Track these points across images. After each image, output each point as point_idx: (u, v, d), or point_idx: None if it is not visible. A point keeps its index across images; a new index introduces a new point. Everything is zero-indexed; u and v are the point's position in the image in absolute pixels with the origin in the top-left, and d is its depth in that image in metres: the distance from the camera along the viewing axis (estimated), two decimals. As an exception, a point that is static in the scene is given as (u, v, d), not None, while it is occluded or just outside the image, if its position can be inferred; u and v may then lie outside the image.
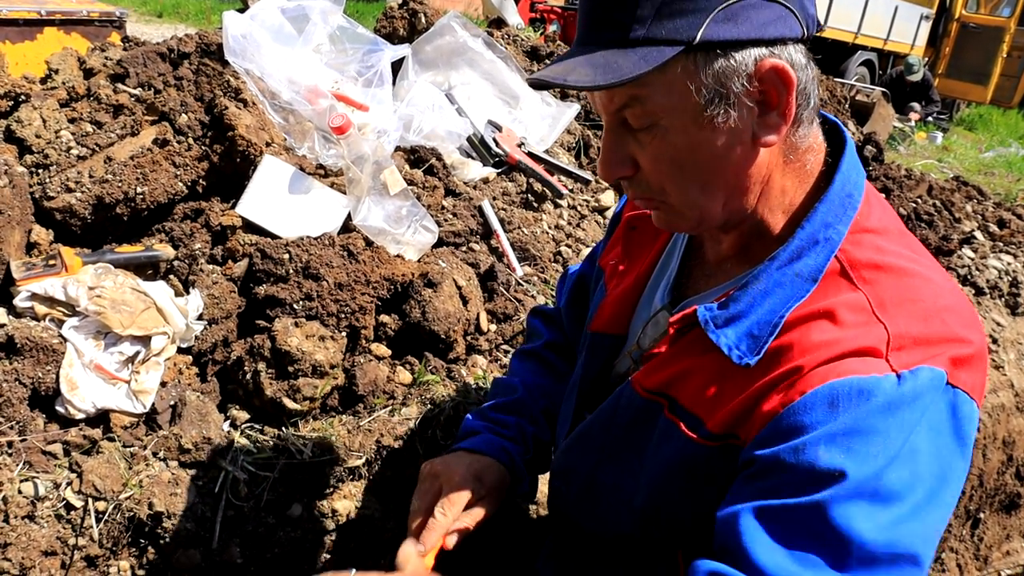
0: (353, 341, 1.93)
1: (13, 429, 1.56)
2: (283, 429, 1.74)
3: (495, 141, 2.79)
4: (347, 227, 2.14)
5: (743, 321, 0.97)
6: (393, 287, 2.00)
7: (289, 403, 1.74)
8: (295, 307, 1.86)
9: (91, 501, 1.47)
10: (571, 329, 1.49)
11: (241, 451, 1.65)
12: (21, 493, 1.46)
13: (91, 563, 1.47)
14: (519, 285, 2.33)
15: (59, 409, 1.64)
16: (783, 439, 0.90)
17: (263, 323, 1.85)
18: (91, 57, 2.55)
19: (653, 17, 0.87)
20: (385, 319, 1.99)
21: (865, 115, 8.51)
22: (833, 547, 0.85)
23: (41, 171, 2.02)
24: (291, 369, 1.75)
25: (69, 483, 1.49)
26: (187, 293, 1.91)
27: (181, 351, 1.86)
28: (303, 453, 1.66)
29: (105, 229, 2.06)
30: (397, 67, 2.84)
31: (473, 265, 2.28)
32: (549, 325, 1.54)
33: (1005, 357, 2.77)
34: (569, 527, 1.30)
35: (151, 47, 2.51)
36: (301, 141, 2.34)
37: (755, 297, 0.98)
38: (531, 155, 2.85)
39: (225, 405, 1.82)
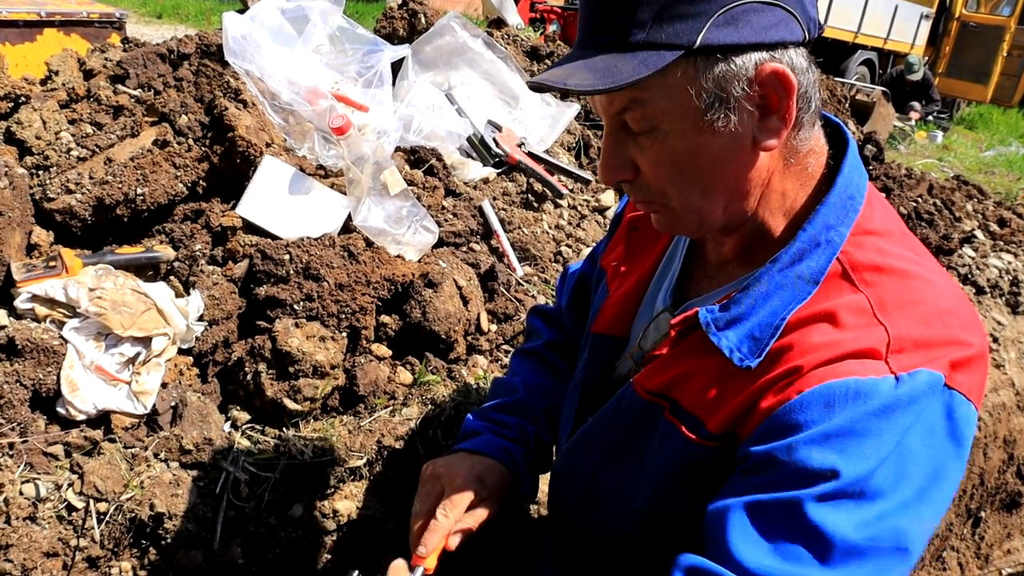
0: (354, 341, 1.93)
1: (14, 430, 1.56)
2: (284, 430, 1.75)
3: (495, 141, 2.79)
4: (347, 228, 2.14)
5: (744, 323, 0.97)
6: (393, 287, 2.00)
7: (290, 404, 1.74)
8: (296, 308, 1.86)
9: (92, 502, 1.47)
10: (572, 329, 1.49)
11: (242, 452, 1.65)
12: (22, 494, 1.46)
13: (93, 564, 1.47)
14: (519, 285, 2.33)
15: (60, 410, 1.64)
16: (777, 436, 0.90)
17: (264, 324, 1.85)
18: (91, 58, 2.56)
19: (653, 21, 0.86)
20: (386, 319, 1.99)
21: (865, 114, 8.51)
22: (817, 542, 0.86)
23: (41, 172, 2.02)
24: (292, 370, 1.75)
25: (70, 484, 1.49)
26: (187, 294, 1.91)
27: (182, 352, 1.86)
28: (304, 454, 1.66)
29: (105, 230, 2.06)
30: (397, 67, 2.84)
31: (473, 265, 2.28)
32: (549, 324, 1.54)
33: (1006, 356, 2.77)
34: (570, 529, 1.30)
35: (151, 48, 2.52)
36: (301, 142, 2.34)
37: (756, 299, 0.98)
38: (531, 155, 2.85)
39: (226, 406, 1.82)
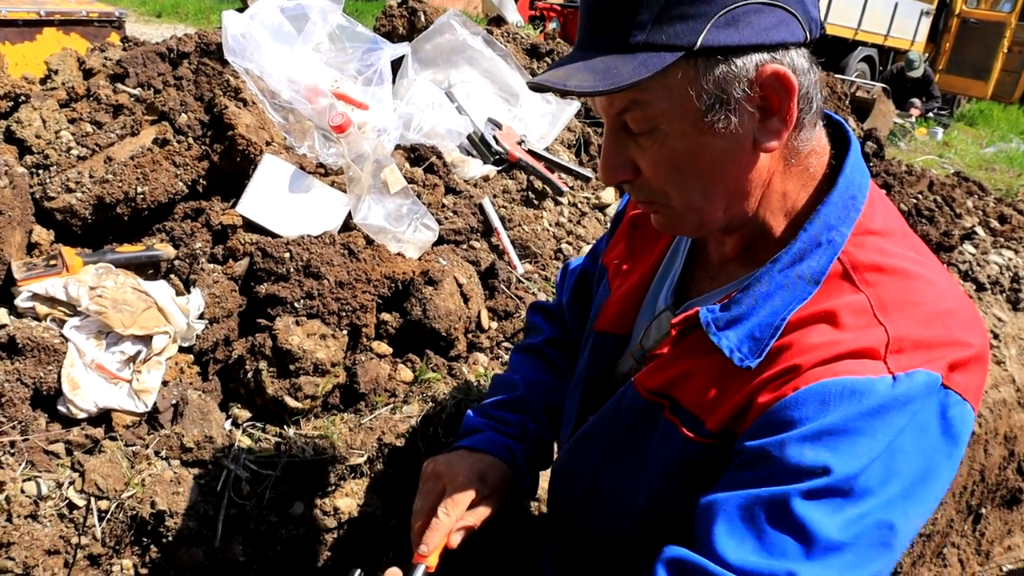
0: (354, 339, 1.94)
1: (15, 429, 1.56)
2: (285, 427, 1.75)
3: (495, 139, 2.79)
4: (348, 225, 2.14)
5: (745, 323, 0.97)
6: (394, 285, 2.00)
7: (290, 401, 1.75)
8: (296, 306, 1.86)
9: (93, 500, 1.48)
10: (573, 325, 1.49)
11: (243, 450, 1.65)
12: (24, 492, 1.46)
13: (94, 562, 1.48)
14: (520, 283, 2.33)
15: (61, 409, 1.64)
16: (771, 432, 0.90)
17: (264, 322, 1.85)
18: (90, 57, 2.56)
19: (653, 22, 0.86)
20: (386, 317, 1.99)
21: (866, 111, 8.51)
22: (802, 537, 0.86)
23: (41, 171, 2.03)
24: (292, 367, 1.75)
25: (71, 482, 1.50)
26: (188, 292, 1.91)
27: (182, 350, 1.86)
28: (305, 451, 1.66)
29: (106, 229, 2.06)
30: (397, 65, 2.84)
31: (474, 263, 2.28)
32: (550, 321, 1.54)
33: (1006, 352, 2.77)
34: (571, 528, 1.30)
35: (150, 47, 2.52)
36: (301, 140, 2.34)
37: (757, 299, 0.98)
38: (531, 153, 2.85)
39: (227, 404, 1.82)
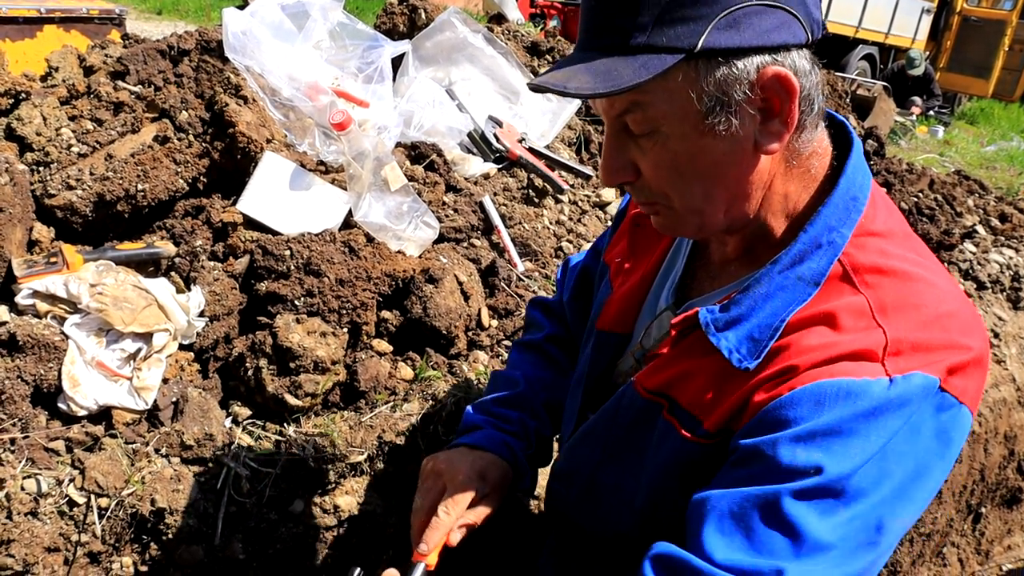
0: (354, 337, 1.94)
1: (15, 426, 1.56)
2: (285, 425, 1.75)
3: (496, 137, 2.79)
4: (348, 223, 2.14)
5: (744, 324, 0.97)
6: (394, 283, 2.00)
7: (291, 399, 1.75)
8: (296, 303, 1.86)
9: (94, 498, 1.48)
10: (574, 322, 1.49)
11: (243, 447, 1.65)
12: (24, 490, 1.46)
13: (94, 559, 1.48)
14: (520, 281, 2.33)
15: (61, 406, 1.64)
16: (766, 431, 0.91)
17: (264, 319, 1.85)
18: (91, 55, 2.56)
19: (654, 24, 0.86)
20: (386, 315, 1.99)
21: (866, 109, 8.51)
22: (791, 535, 0.87)
23: (42, 169, 2.02)
24: (292, 365, 1.75)
25: (72, 480, 1.50)
26: (188, 290, 1.91)
27: (183, 348, 1.86)
28: (305, 449, 1.66)
29: (106, 226, 2.06)
30: (397, 63, 2.84)
31: (474, 261, 2.28)
32: (550, 317, 1.54)
33: (1006, 351, 2.77)
34: (569, 528, 1.30)
35: (151, 44, 2.51)
36: (302, 137, 2.34)
37: (756, 300, 0.98)
38: (532, 151, 2.85)
39: (227, 402, 1.82)
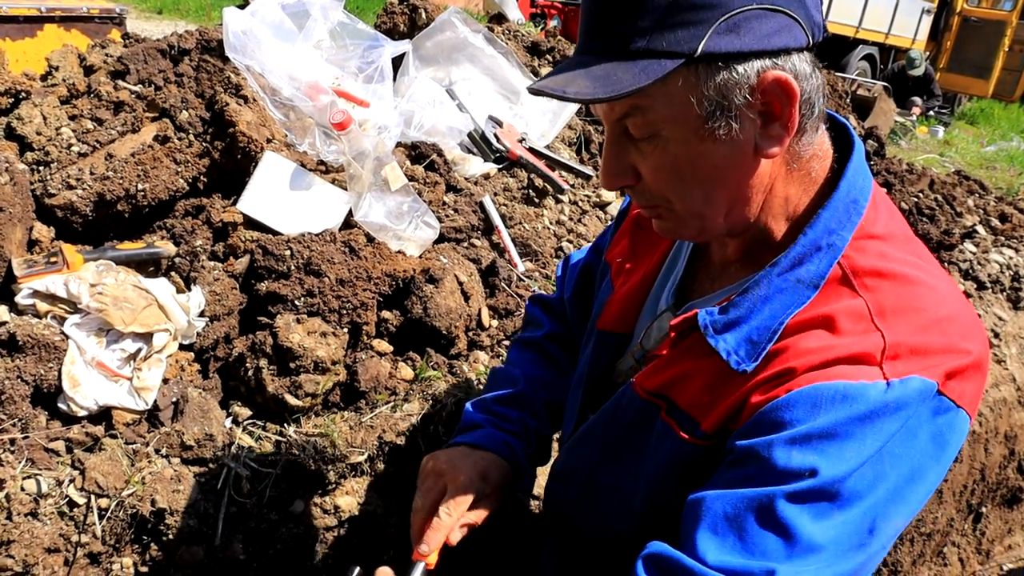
0: (355, 337, 1.93)
1: (15, 426, 1.56)
2: (285, 426, 1.75)
3: (496, 137, 2.79)
4: (348, 223, 2.14)
5: (743, 327, 0.97)
6: (394, 283, 1.99)
7: (291, 399, 1.74)
8: (297, 303, 1.86)
9: (94, 498, 1.47)
10: (575, 320, 1.48)
11: (243, 448, 1.65)
12: (24, 490, 1.46)
13: (94, 560, 1.48)
14: (520, 281, 2.33)
15: (61, 406, 1.64)
16: (762, 432, 0.91)
17: (265, 319, 1.85)
18: (91, 54, 2.55)
19: (654, 28, 0.86)
20: (387, 315, 1.99)
21: (866, 109, 8.52)
22: (784, 537, 0.87)
23: (42, 168, 2.02)
24: (293, 365, 1.75)
25: (72, 480, 1.49)
26: (188, 290, 1.91)
27: (183, 348, 1.86)
28: (305, 449, 1.66)
29: (106, 226, 2.06)
30: (398, 63, 2.84)
31: (474, 261, 2.28)
32: (550, 315, 1.54)
33: (1007, 351, 2.76)
34: (568, 528, 1.30)
35: (151, 44, 2.51)
36: (302, 137, 2.34)
37: (755, 303, 0.98)
38: (532, 150, 2.85)
39: (227, 402, 1.82)
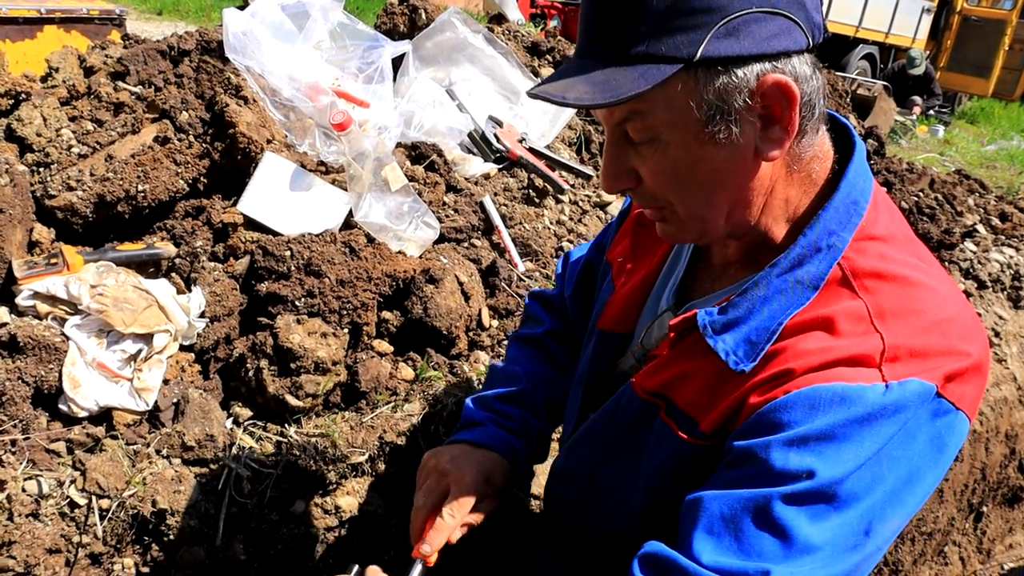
0: (355, 338, 1.93)
1: (16, 427, 1.56)
2: (286, 426, 1.75)
3: (496, 137, 2.79)
4: (348, 224, 2.14)
5: (742, 327, 0.97)
6: (395, 283, 2.00)
7: (291, 400, 1.74)
8: (297, 304, 1.86)
9: (95, 499, 1.48)
10: (575, 317, 1.48)
11: (244, 448, 1.65)
12: (25, 491, 1.46)
13: (95, 560, 1.48)
14: (521, 281, 2.33)
15: (62, 407, 1.64)
16: (760, 433, 0.91)
17: (265, 320, 1.85)
18: (91, 55, 2.55)
19: (653, 33, 0.85)
20: (387, 315, 1.99)
21: (867, 109, 8.52)
22: (780, 538, 0.87)
23: (42, 169, 2.02)
24: (293, 366, 1.75)
25: (73, 481, 1.50)
26: (189, 291, 1.91)
27: (183, 349, 1.86)
28: (306, 450, 1.66)
29: (106, 227, 2.06)
30: (398, 63, 2.84)
31: (475, 261, 2.28)
32: (550, 312, 1.53)
33: (1007, 350, 2.76)
34: (568, 527, 1.30)
35: (151, 45, 2.51)
36: (302, 138, 2.34)
37: (755, 303, 0.98)
38: (532, 151, 2.85)
39: (228, 402, 1.82)
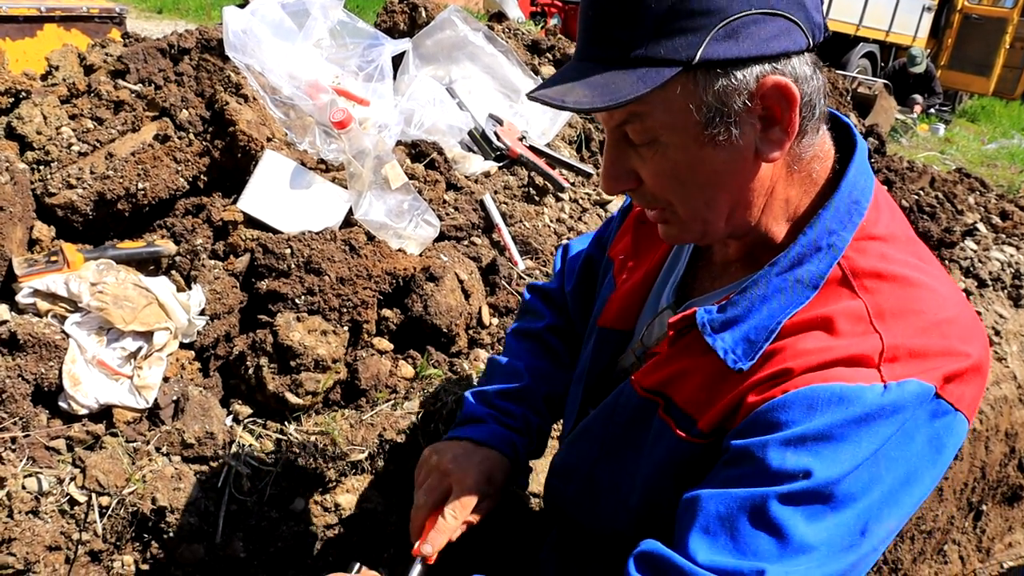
0: (355, 335, 1.94)
1: (16, 425, 1.56)
2: (286, 424, 1.75)
3: (496, 135, 2.79)
4: (348, 222, 2.14)
5: (740, 326, 0.97)
6: (395, 281, 2.00)
7: (291, 398, 1.75)
8: (297, 302, 1.86)
9: (95, 496, 1.48)
10: (576, 312, 1.48)
11: (244, 446, 1.65)
12: (25, 488, 1.46)
13: (95, 558, 1.48)
14: (521, 279, 2.33)
15: (62, 405, 1.64)
16: (757, 433, 0.91)
17: (265, 318, 1.85)
18: (91, 53, 2.55)
19: (652, 35, 0.85)
20: (387, 313, 1.99)
21: (867, 107, 8.52)
22: (776, 537, 0.87)
23: (42, 167, 2.02)
24: (293, 364, 1.75)
25: (72, 478, 1.50)
26: (189, 288, 1.91)
27: (183, 346, 1.86)
28: (306, 448, 1.66)
29: (107, 225, 2.06)
30: (398, 62, 2.84)
31: (475, 259, 2.28)
32: (550, 306, 1.53)
33: (1008, 349, 2.76)
34: (567, 524, 1.30)
35: (151, 43, 2.51)
36: (302, 136, 2.34)
37: (754, 302, 0.98)
38: (532, 149, 2.85)
39: (227, 400, 1.82)
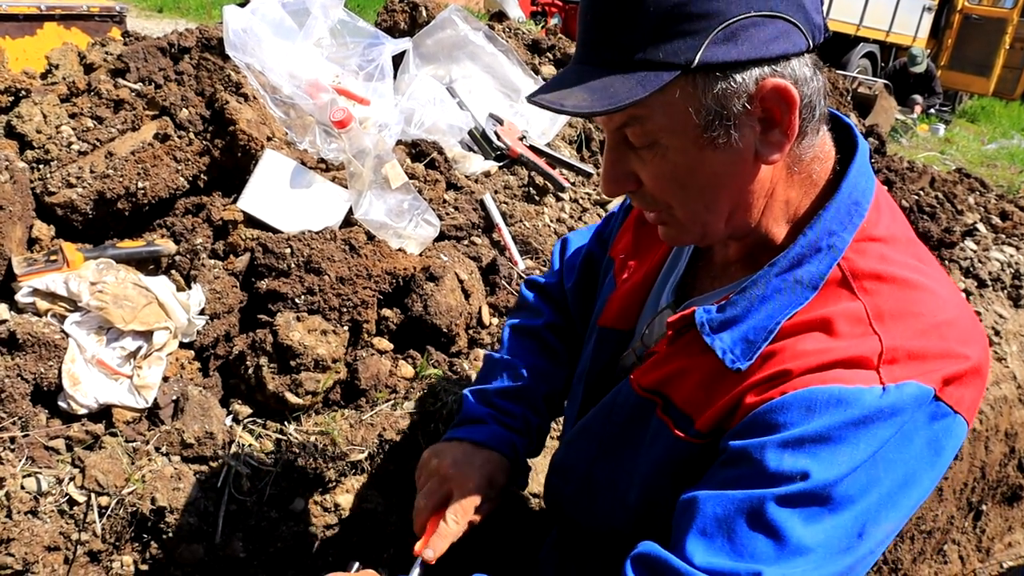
0: (355, 335, 1.93)
1: (15, 424, 1.56)
2: (285, 424, 1.75)
3: (496, 135, 2.79)
4: (348, 221, 2.14)
5: (739, 326, 0.97)
6: (395, 281, 1.99)
7: (291, 397, 1.74)
8: (297, 301, 1.86)
9: (94, 496, 1.48)
10: (576, 309, 1.47)
11: (243, 446, 1.65)
12: (24, 488, 1.46)
13: (94, 558, 1.48)
14: (521, 279, 2.33)
15: (61, 404, 1.64)
16: (755, 434, 0.90)
17: (265, 317, 1.85)
18: (91, 52, 2.55)
19: (651, 39, 0.85)
20: (387, 313, 1.99)
21: (867, 107, 8.52)
22: (774, 539, 0.86)
23: (42, 166, 2.02)
24: (293, 363, 1.75)
25: (72, 478, 1.50)
26: (189, 288, 1.91)
27: (183, 346, 1.86)
28: (305, 447, 1.66)
29: (106, 224, 2.06)
30: (398, 61, 2.83)
31: (475, 259, 2.28)
32: (548, 303, 1.52)
33: (1007, 349, 2.76)
34: (566, 522, 1.30)
35: (151, 42, 2.51)
36: (302, 135, 2.34)
37: (752, 302, 0.98)
38: (533, 148, 2.84)
39: (227, 400, 1.82)
